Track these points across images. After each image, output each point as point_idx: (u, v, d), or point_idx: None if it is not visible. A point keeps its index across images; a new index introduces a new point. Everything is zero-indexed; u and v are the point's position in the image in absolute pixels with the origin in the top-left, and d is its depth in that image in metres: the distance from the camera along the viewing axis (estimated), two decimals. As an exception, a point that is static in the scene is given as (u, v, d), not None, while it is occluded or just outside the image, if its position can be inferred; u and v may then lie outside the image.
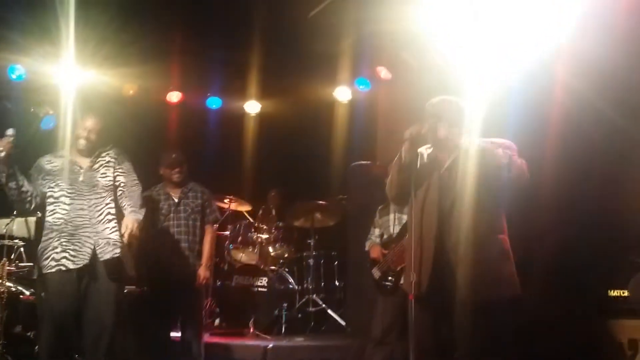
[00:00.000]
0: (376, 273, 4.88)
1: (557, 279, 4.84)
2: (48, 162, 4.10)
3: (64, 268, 3.87)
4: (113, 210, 4.04)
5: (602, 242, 4.79)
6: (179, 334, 5.15)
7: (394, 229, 4.92)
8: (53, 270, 3.87)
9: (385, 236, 5.01)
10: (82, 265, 3.88)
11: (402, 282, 4.75)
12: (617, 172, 4.81)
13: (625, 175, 4.78)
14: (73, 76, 6.19)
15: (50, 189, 4.00)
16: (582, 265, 4.82)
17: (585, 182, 4.92)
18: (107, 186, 4.07)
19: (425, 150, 3.58)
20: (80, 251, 3.89)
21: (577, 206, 4.95)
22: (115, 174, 4.15)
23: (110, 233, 3.97)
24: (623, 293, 4.61)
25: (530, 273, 3.44)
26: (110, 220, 4.00)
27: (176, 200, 5.09)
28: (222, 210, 6.79)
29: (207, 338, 5.71)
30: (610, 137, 4.76)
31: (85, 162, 4.12)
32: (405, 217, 4.87)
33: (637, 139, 4.62)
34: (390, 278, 4.78)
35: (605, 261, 4.74)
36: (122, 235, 3.95)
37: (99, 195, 4.03)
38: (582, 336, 4.68)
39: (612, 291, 4.68)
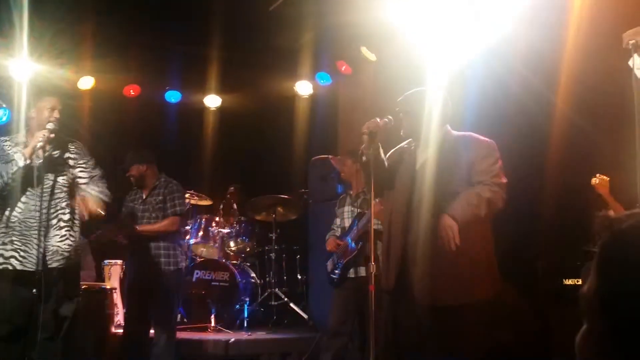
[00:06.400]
0: (329, 265, 4.96)
1: (513, 268, 4.95)
2: (9, 147, 3.92)
3: (10, 267, 3.74)
4: (66, 217, 3.86)
5: (557, 231, 4.92)
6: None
7: (347, 222, 4.98)
8: None
9: (341, 228, 5.06)
10: (30, 269, 3.75)
11: (352, 274, 4.81)
12: (571, 163, 4.95)
13: (578, 166, 4.92)
14: (27, 69, 6.05)
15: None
16: (537, 254, 4.94)
17: (539, 174, 5.05)
18: (64, 186, 3.95)
19: (406, 145, 3.57)
20: (30, 253, 3.76)
21: (531, 197, 5.07)
22: (76, 170, 3.99)
23: (60, 241, 3.82)
24: (577, 281, 4.75)
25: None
26: (61, 228, 3.83)
27: (144, 197, 5.05)
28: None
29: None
30: (563, 130, 4.89)
31: (42, 151, 3.89)
32: (356, 211, 4.93)
33: (589, 133, 4.76)
34: (336, 271, 4.83)
35: (560, 250, 4.87)
36: (81, 215, 3.89)
37: (54, 197, 3.86)
38: (539, 324, 4.80)
39: (567, 280, 4.82)
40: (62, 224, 3.85)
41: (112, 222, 4.95)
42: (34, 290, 3.67)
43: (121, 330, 5.22)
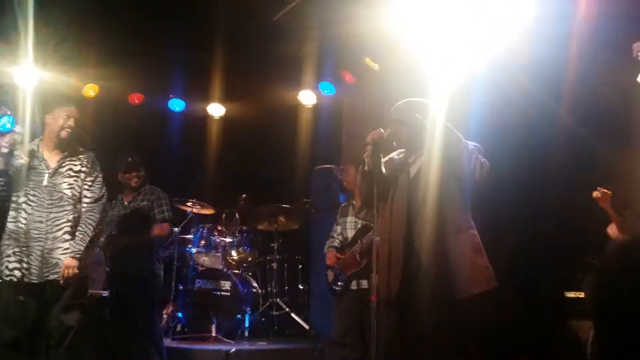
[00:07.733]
0: (330, 275, 4.95)
1: (515, 280, 4.92)
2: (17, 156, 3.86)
3: (15, 279, 3.74)
4: (72, 229, 3.84)
5: (559, 244, 4.90)
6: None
7: (349, 232, 4.97)
8: (6, 279, 3.75)
9: (342, 237, 5.05)
10: (34, 281, 3.75)
11: (354, 286, 4.81)
12: (573, 175, 4.93)
13: (581, 177, 4.90)
14: (32, 76, 6.06)
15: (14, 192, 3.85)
16: (539, 267, 4.92)
17: (541, 185, 5.04)
18: (72, 198, 3.90)
19: (397, 155, 3.59)
20: (32, 265, 3.75)
21: (533, 209, 5.05)
22: (83, 186, 3.97)
23: (62, 254, 3.79)
24: (579, 294, 4.71)
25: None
26: (65, 241, 3.81)
27: (125, 203, 5.03)
28: (184, 213, 6.77)
29: (169, 343, 5.65)
30: (566, 141, 4.88)
31: (53, 160, 3.92)
32: (361, 223, 4.92)
33: (592, 144, 4.75)
34: (339, 283, 4.83)
35: (562, 263, 4.84)
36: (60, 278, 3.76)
37: (60, 209, 3.84)
38: (542, 336, 4.77)
39: (569, 292, 4.79)
40: (66, 236, 3.83)
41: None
42: (39, 300, 3.68)
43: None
